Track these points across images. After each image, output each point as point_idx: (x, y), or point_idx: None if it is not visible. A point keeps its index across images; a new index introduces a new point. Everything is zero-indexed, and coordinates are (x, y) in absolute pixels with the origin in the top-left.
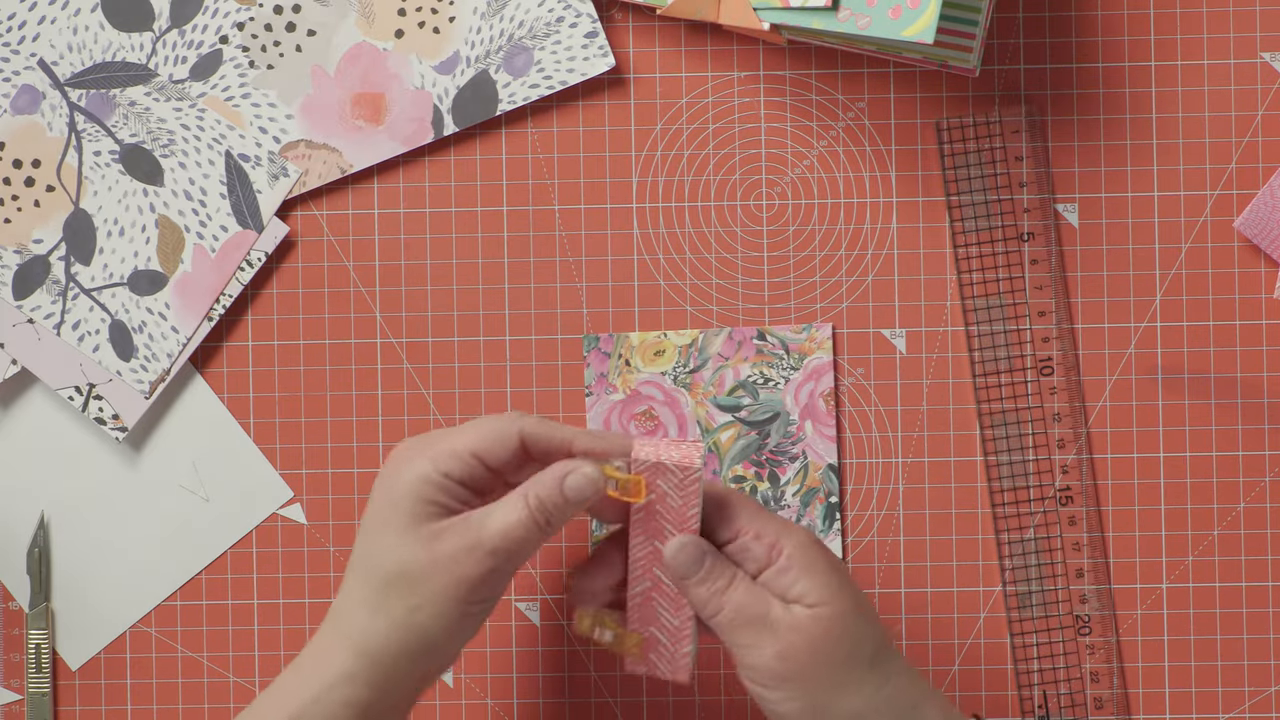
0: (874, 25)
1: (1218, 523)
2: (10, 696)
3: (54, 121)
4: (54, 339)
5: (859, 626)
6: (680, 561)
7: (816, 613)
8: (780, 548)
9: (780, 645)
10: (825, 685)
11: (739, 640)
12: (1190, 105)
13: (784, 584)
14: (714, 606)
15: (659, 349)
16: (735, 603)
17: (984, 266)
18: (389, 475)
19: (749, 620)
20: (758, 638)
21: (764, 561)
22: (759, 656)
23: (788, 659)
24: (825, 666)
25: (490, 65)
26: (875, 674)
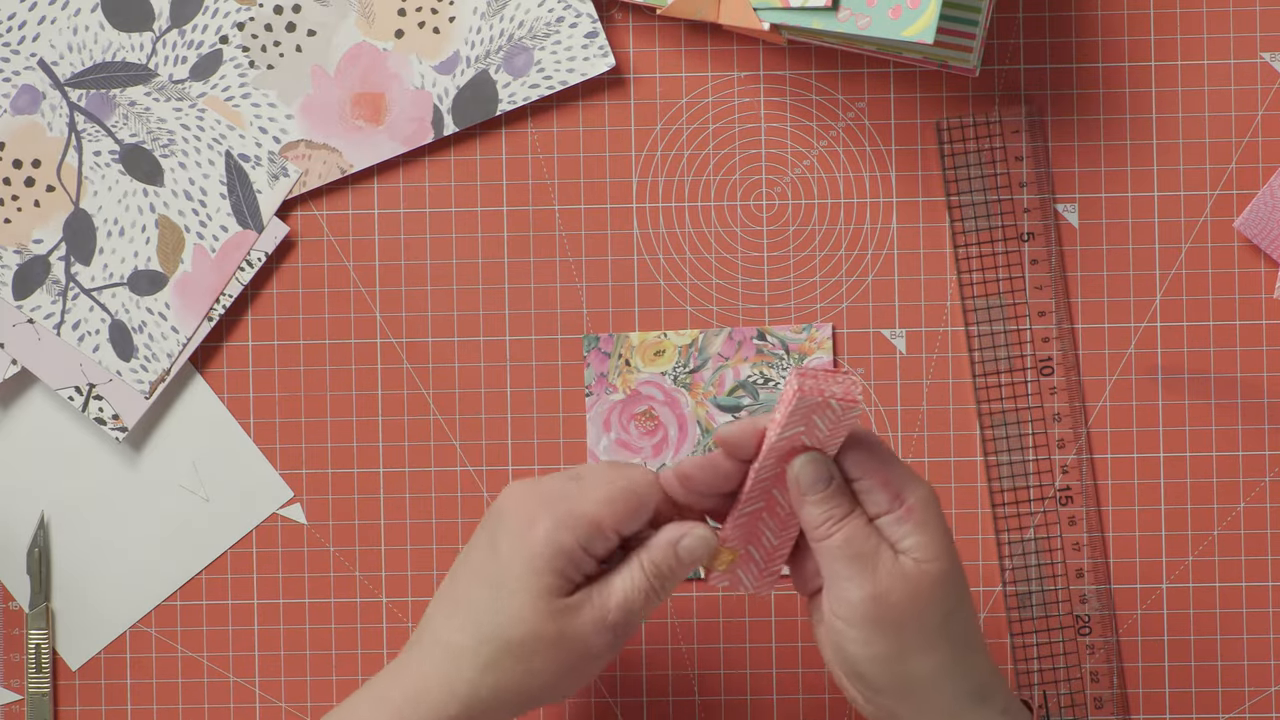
0: (874, 25)
1: (1218, 523)
2: (10, 696)
3: (54, 121)
4: (54, 339)
5: (955, 591)
6: (807, 475)
7: (923, 568)
8: (903, 498)
9: (879, 588)
10: (910, 640)
11: (840, 571)
12: (1190, 105)
13: (898, 533)
14: (826, 530)
15: (659, 349)
16: (848, 532)
17: (984, 266)
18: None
19: (857, 554)
20: (859, 573)
21: (884, 508)
22: (854, 592)
23: (882, 603)
24: (915, 621)
25: (490, 65)
26: (960, 641)
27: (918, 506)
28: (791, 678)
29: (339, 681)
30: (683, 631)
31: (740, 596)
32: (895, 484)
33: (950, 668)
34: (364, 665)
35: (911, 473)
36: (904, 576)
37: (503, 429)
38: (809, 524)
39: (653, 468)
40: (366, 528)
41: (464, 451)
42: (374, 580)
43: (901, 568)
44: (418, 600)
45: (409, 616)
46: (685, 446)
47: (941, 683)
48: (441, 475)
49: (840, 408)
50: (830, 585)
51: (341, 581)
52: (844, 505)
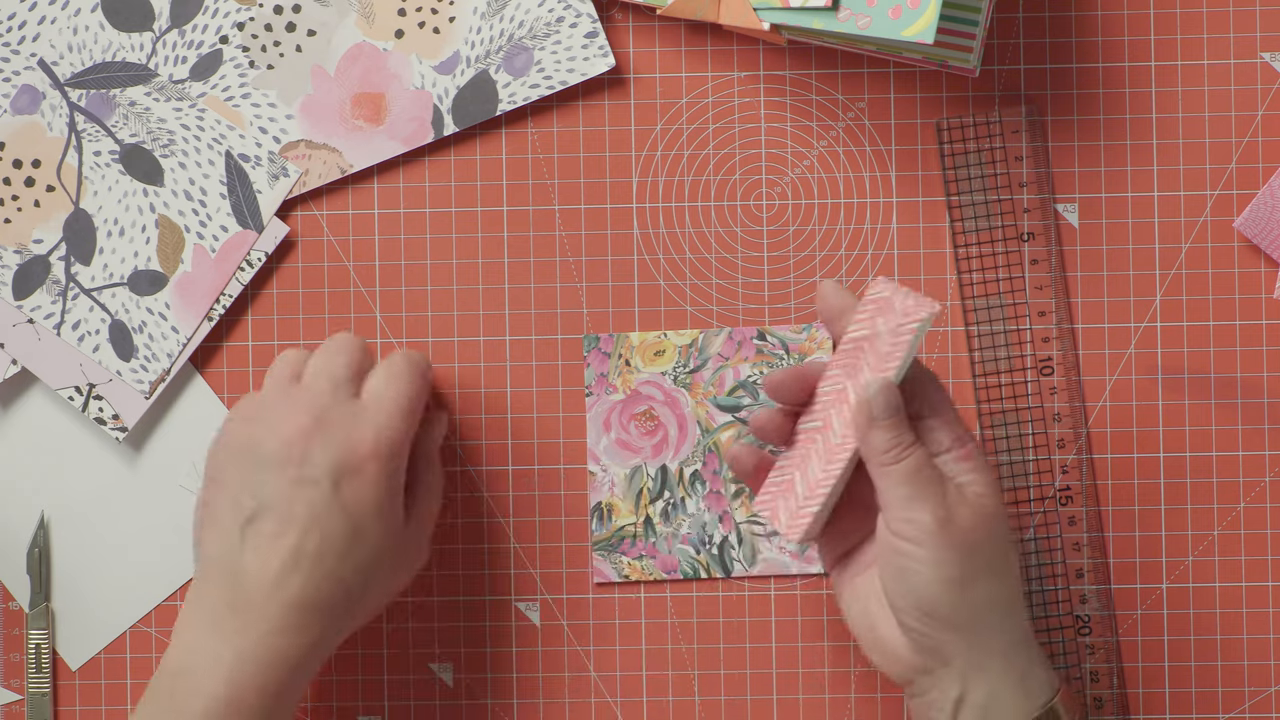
0: (874, 25)
1: (1218, 523)
2: (10, 696)
3: (54, 121)
4: (54, 339)
5: (1010, 538)
6: (880, 401)
7: (983, 500)
8: (965, 443)
9: (949, 511)
10: (978, 564)
11: (909, 493)
12: (1190, 105)
13: (956, 470)
14: (896, 455)
15: (659, 349)
16: (917, 458)
17: (984, 266)
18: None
19: (925, 478)
20: (926, 494)
21: (945, 446)
22: (923, 515)
23: (951, 525)
24: (983, 547)
25: (490, 65)
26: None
27: (974, 453)
28: (791, 678)
29: (339, 681)
30: (683, 631)
31: (741, 596)
32: (957, 430)
33: (1009, 602)
34: (364, 665)
35: (969, 431)
36: (969, 503)
37: (503, 429)
38: (876, 448)
39: (652, 468)
40: None
41: (464, 451)
42: None
43: (966, 495)
44: (417, 600)
45: (409, 616)
46: (685, 446)
47: (1000, 616)
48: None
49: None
50: (896, 510)
51: None
52: (909, 433)
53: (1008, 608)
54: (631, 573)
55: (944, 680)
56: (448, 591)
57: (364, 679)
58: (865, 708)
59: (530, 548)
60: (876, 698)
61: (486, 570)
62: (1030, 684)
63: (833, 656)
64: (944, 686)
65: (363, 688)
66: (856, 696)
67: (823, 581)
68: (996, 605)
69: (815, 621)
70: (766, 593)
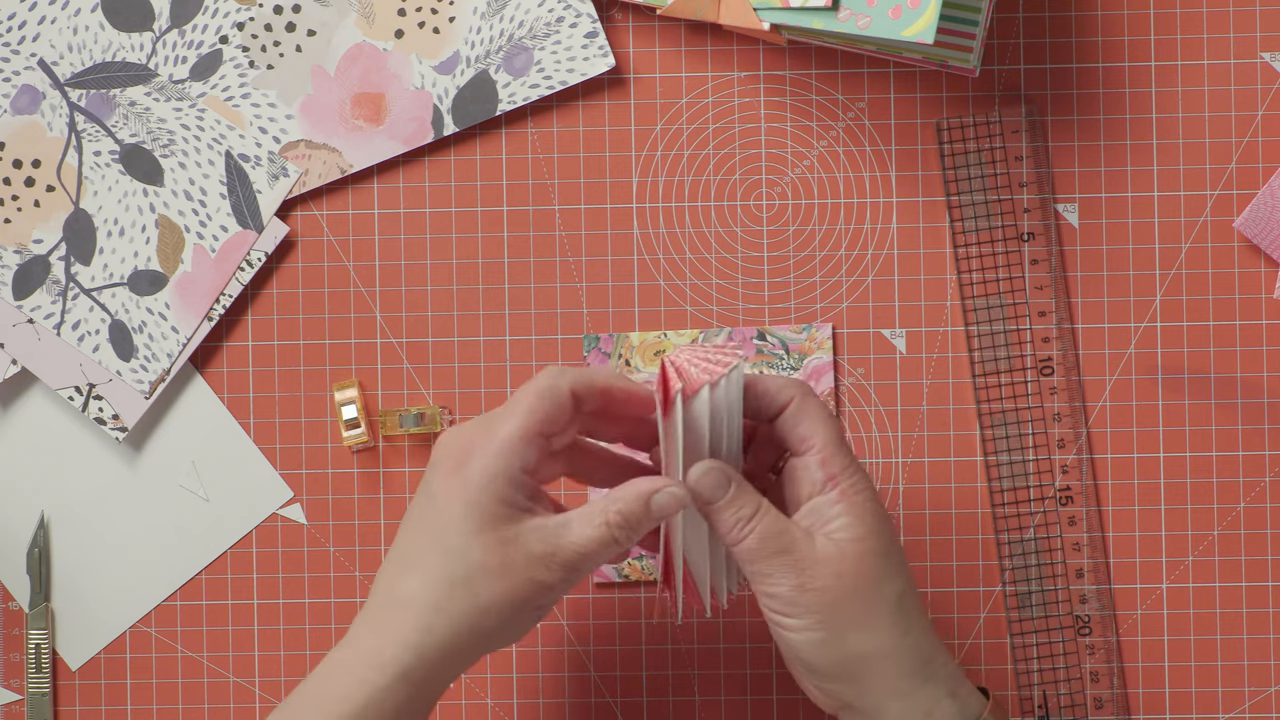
0: (874, 25)
1: (1218, 523)
2: (10, 696)
3: (54, 121)
4: (54, 339)
5: (887, 568)
6: (706, 485)
7: (845, 549)
8: (839, 480)
9: (803, 577)
10: (845, 620)
11: (761, 569)
12: (1190, 105)
13: (828, 515)
14: (738, 534)
15: (659, 349)
16: (761, 530)
17: (984, 266)
18: (455, 471)
19: (774, 550)
20: (781, 567)
21: (817, 488)
22: (780, 586)
23: (809, 590)
24: (847, 601)
25: (490, 65)
26: (898, 620)
27: (850, 491)
28: (791, 677)
29: None
30: (683, 631)
31: (741, 596)
32: (833, 466)
33: (890, 645)
34: None
35: (851, 458)
36: (826, 560)
37: None
38: (720, 531)
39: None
40: (366, 528)
41: None
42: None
43: (823, 552)
44: None
45: None
46: None
47: (883, 661)
48: None
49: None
50: (756, 585)
51: (341, 581)
52: (750, 504)
53: (895, 650)
54: (631, 573)
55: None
56: None
57: None
58: None
59: None
60: None
61: None
62: (938, 717)
63: None
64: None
65: None
66: None
67: None
68: (879, 652)
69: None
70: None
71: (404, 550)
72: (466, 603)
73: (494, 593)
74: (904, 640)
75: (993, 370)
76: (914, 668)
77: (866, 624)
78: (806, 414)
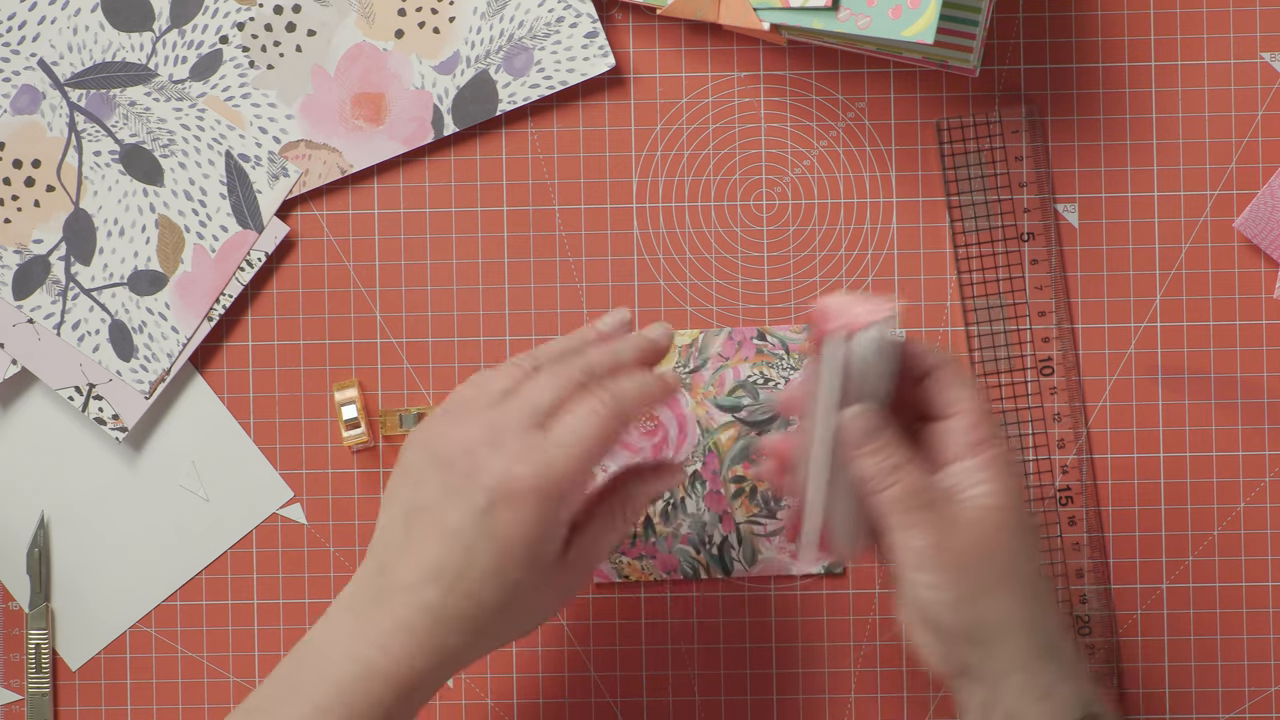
0: (874, 25)
1: (1218, 523)
2: (10, 696)
3: (54, 121)
4: (54, 339)
5: (1024, 542)
6: (856, 429)
7: (988, 515)
8: (985, 448)
9: (943, 535)
10: (979, 585)
11: (902, 520)
12: (1190, 105)
13: (972, 480)
14: (882, 481)
15: None
16: (906, 484)
17: (984, 266)
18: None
19: (917, 504)
20: (922, 522)
21: (963, 452)
22: (918, 540)
23: (947, 549)
24: (983, 566)
25: (490, 65)
26: (1031, 594)
27: (996, 460)
28: (792, 677)
29: None
30: (683, 631)
31: (741, 597)
32: (981, 431)
33: (1020, 617)
34: None
35: (996, 427)
36: (966, 523)
37: None
38: (864, 477)
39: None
40: (366, 528)
41: None
42: None
43: (963, 514)
44: None
45: None
46: (685, 446)
47: (1011, 630)
48: None
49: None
50: (891, 534)
51: (342, 581)
52: (897, 455)
53: (1023, 622)
54: (631, 573)
55: (971, 685)
56: None
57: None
58: (865, 708)
59: None
60: (876, 698)
61: None
62: (1057, 700)
63: (833, 656)
64: (971, 692)
65: None
66: (856, 696)
67: (822, 582)
68: (1008, 621)
69: (815, 621)
70: (766, 593)
71: (444, 563)
72: (509, 625)
73: (536, 612)
74: (1034, 615)
75: (993, 370)
76: (1040, 645)
77: (999, 592)
78: (957, 379)
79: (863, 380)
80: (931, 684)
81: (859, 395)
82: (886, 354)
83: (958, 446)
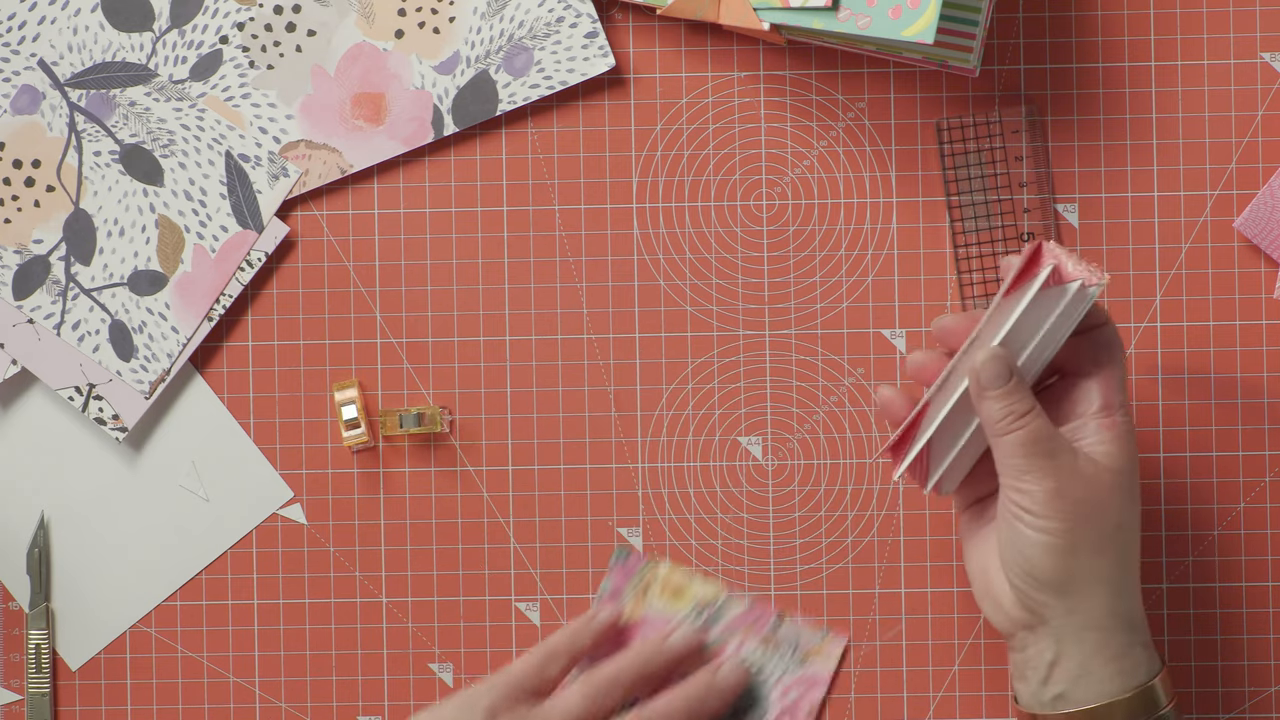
0: (874, 25)
1: (1218, 523)
2: (10, 696)
3: (54, 121)
4: (54, 339)
5: (1133, 508)
6: (988, 372)
7: (1104, 474)
8: (1114, 412)
9: (1060, 484)
10: (1084, 538)
11: (1022, 465)
12: (1190, 105)
13: (1097, 438)
14: (1007, 425)
15: (680, 589)
16: (1031, 430)
17: (984, 266)
18: None
19: (1039, 450)
20: (1036, 466)
21: (1092, 410)
22: (1035, 486)
23: (1062, 498)
24: (1092, 521)
25: (490, 65)
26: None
27: (1122, 425)
28: None
29: (339, 681)
30: None
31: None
32: (1117, 395)
33: (1112, 577)
34: (364, 665)
35: (1128, 400)
36: (1084, 476)
37: (502, 429)
38: (989, 419)
39: None
40: (366, 528)
41: (464, 452)
42: (374, 580)
43: (1082, 468)
44: (417, 600)
45: (409, 616)
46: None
47: (1100, 588)
48: (441, 475)
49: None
50: (1008, 477)
51: (341, 581)
52: (1025, 402)
53: (1112, 583)
54: None
55: (1042, 640)
56: (448, 591)
57: (364, 679)
58: (865, 708)
59: (530, 548)
60: (877, 698)
61: (486, 570)
62: (1126, 664)
63: None
64: (1041, 646)
65: (363, 688)
66: (856, 697)
67: (821, 582)
68: (1099, 579)
69: (815, 621)
70: (767, 593)
71: None
72: None
73: None
74: (1123, 580)
75: None
76: (1123, 609)
77: (1100, 549)
78: (1113, 343)
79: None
80: (931, 684)
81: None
82: (1077, 313)
83: (1090, 404)
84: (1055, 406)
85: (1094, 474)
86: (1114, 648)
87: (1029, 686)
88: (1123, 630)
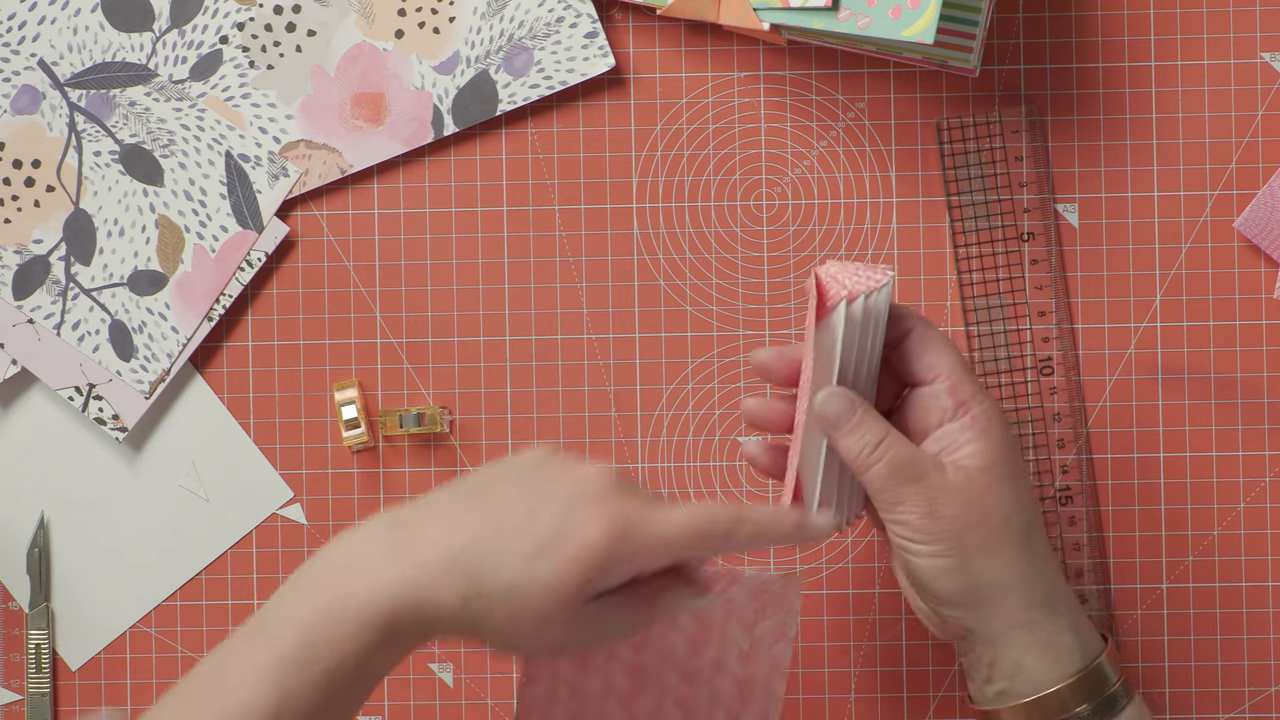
0: (874, 25)
1: (1218, 523)
2: (10, 696)
3: (54, 121)
4: (54, 339)
5: (1016, 498)
6: (831, 410)
7: (975, 477)
8: (969, 407)
9: (933, 505)
10: (974, 548)
11: (891, 497)
12: (1190, 105)
13: (959, 441)
14: (865, 460)
15: None
16: (890, 459)
17: (984, 266)
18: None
19: (905, 477)
20: (911, 495)
21: (948, 415)
22: (909, 514)
23: (939, 518)
24: (976, 529)
25: (490, 65)
26: (1025, 549)
27: (982, 417)
28: (791, 678)
29: None
30: None
31: None
32: (963, 392)
33: (1016, 574)
34: None
35: (979, 385)
36: (955, 489)
37: (502, 429)
38: (849, 456)
39: None
40: None
41: (464, 452)
42: None
43: (952, 480)
44: None
45: None
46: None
47: (1008, 589)
48: (441, 476)
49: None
50: (884, 510)
51: None
52: (877, 430)
53: (1016, 581)
54: None
55: (976, 645)
56: None
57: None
58: (865, 707)
59: None
60: (877, 697)
61: None
62: (1061, 652)
63: (833, 656)
64: (976, 652)
65: None
66: (856, 697)
67: (821, 582)
68: (1001, 581)
69: (815, 621)
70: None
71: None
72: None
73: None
74: (1030, 570)
75: (993, 370)
76: (1039, 598)
77: (994, 551)
78: (931, 342)
79: (860, 348)
80: (931, 684)
81: (857, 363)
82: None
83: (941, 410)
84: (913, 423)
85: (965, 483)
86: (1042, 639)
87: (976, 685)
88: (1045, 619)
